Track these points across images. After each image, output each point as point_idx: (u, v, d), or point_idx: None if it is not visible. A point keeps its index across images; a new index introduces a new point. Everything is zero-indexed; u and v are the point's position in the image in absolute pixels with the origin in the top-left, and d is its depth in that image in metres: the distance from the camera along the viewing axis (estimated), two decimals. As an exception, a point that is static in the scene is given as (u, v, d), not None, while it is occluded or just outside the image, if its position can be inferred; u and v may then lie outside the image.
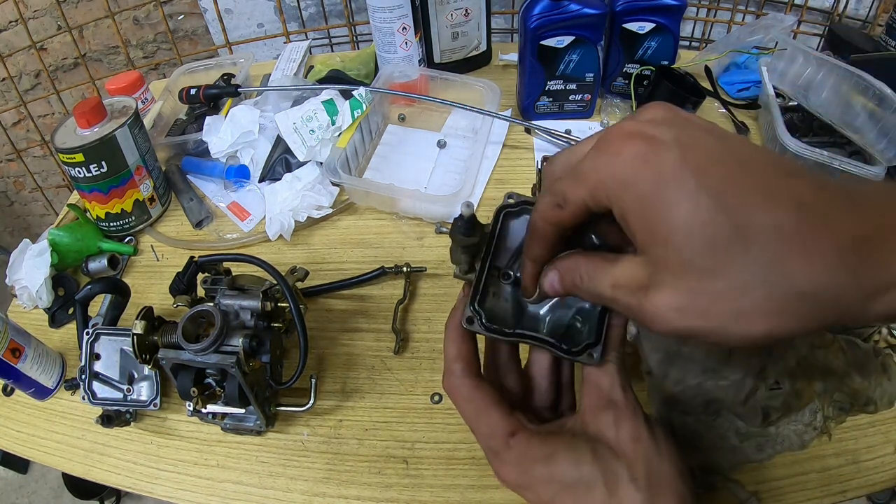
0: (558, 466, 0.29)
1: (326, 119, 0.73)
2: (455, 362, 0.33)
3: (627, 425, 0.30)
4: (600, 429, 0.30)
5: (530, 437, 0.31)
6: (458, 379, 0.33)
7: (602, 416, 0.30)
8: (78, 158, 0.66)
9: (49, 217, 1.71)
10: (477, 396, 0.32)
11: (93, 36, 1.34)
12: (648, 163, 0.23)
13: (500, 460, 0.31)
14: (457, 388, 0.33)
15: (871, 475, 0.47)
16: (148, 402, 0.56)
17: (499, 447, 0.31)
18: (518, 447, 0.31)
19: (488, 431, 0.31)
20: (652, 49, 0.79)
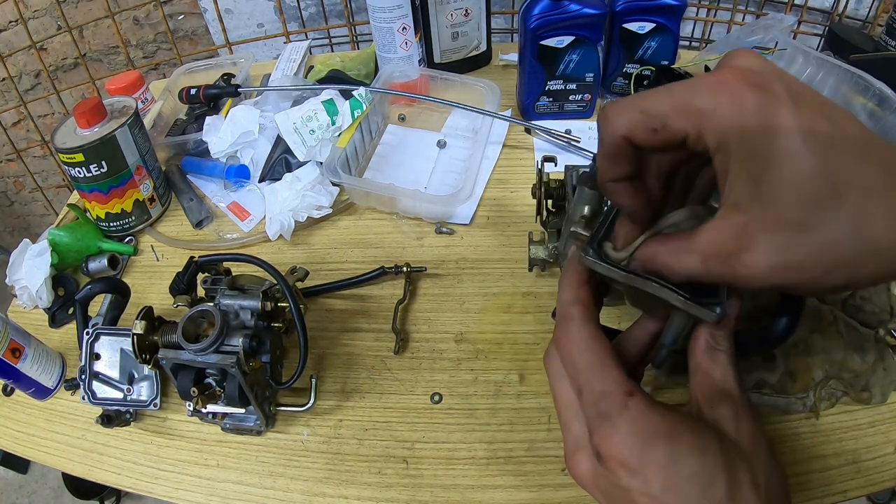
0: (681, 448, 0.26)
1: (326, 119, 0.73)
2: (572, 306, 0.30)
3: (747, 422, 0.27)
4: (718, 421, 0.27)
5: (651, 404, 0.27)
6: (575, 324, 0.30)
7: (719, 407, 0.28)
8: (78, 158, 0.66)
9: (49, 217, 1.71)
10: (594, 346, 0.29)
11: (93, 36, 1.34)
12: (767, 115, 0.23)
13: (612, 426, 0.27)
14: (573, 335, 0.30)
15: (871, 475, 0.47)
16: (148, 402, 0.56)
17: (612, 409, 0.27)
18: (636, 412, 0.27)
19: (602, 388, 0.28)
20: (652, 49, 0.79)
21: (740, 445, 0.27)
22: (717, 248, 0.25)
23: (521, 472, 0.50)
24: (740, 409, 0.28)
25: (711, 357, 0.29)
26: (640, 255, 0.29)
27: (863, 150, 0.23)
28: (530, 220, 0.67)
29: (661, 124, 0.25)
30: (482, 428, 0.53)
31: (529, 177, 0.69)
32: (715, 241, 0.25)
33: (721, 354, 0.29)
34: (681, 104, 0.25)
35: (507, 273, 0.65)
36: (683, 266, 0.27)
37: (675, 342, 0.31)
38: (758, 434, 0.27)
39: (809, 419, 0.50)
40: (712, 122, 0.24)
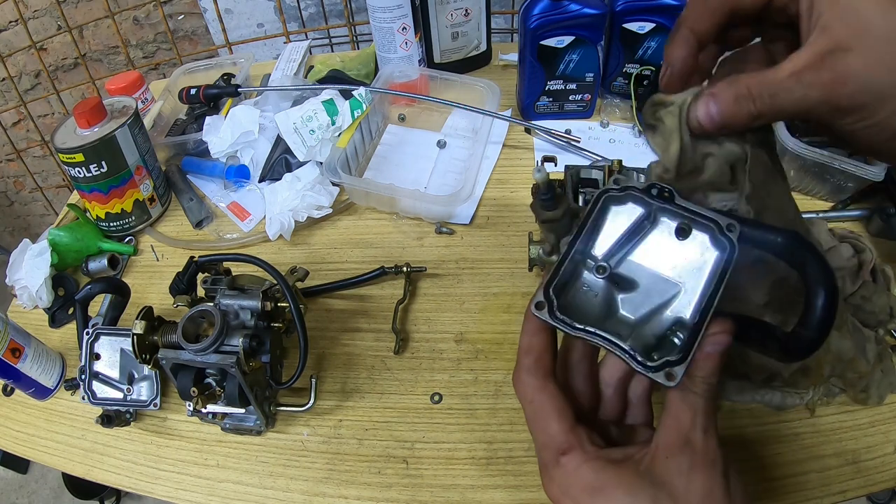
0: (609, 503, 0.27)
1: (326, 119, 0.73)
2: (525, 356, 0.31)
3: (701, 477, 0.26)
4: (670, 473, 0.27)
5: (584, 461, 0.28)
6: (524, 375, 0.31)
7: (675, 458, 0.27)
8: (78, 158, 0.66)
9: (49, 217, 1.71)
10: (540, 399, 0.30)
11: (93, 36, 1.34)
12: None
13: (548, 475, 0.29)
14: (521, 385, 0.31)
15: (871, 475, 0.47)
16: (148, 402, 0.56)
17: (549, 461, 0.29)
18: (568, 468, 0.28)
19: (542, 441, 0.29)
20: (652, 49, 0.79)
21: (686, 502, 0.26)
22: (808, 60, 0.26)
23: (521, 472, 0.50)
24: (699, 462, 0.27)
25: (683, 398, 0.28)
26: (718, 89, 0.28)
27: None
28: (530, 220, 0.67)
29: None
30: (482, 428, 0.53)
31: (529, 177, 0.69)
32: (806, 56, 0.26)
33: (694, 398, 0.27)
34: None
35: (507, 273, 0.65)
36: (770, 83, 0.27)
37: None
38: (713, 488, 0.26)
39: (810, 419, 0.50)
40: None
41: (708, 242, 0.30)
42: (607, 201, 0.32)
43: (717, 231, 0.29)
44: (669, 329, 0.29)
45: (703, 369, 0.27)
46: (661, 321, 0.30)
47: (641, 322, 0.30)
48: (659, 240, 0.31)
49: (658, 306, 0.30)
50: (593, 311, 0.31)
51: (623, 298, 0.31)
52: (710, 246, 0.30)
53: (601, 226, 0.32)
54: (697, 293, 0.29)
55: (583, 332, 0.29)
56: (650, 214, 0.31)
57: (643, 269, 0.31)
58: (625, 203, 0.31)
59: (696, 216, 0.30)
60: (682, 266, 0.30)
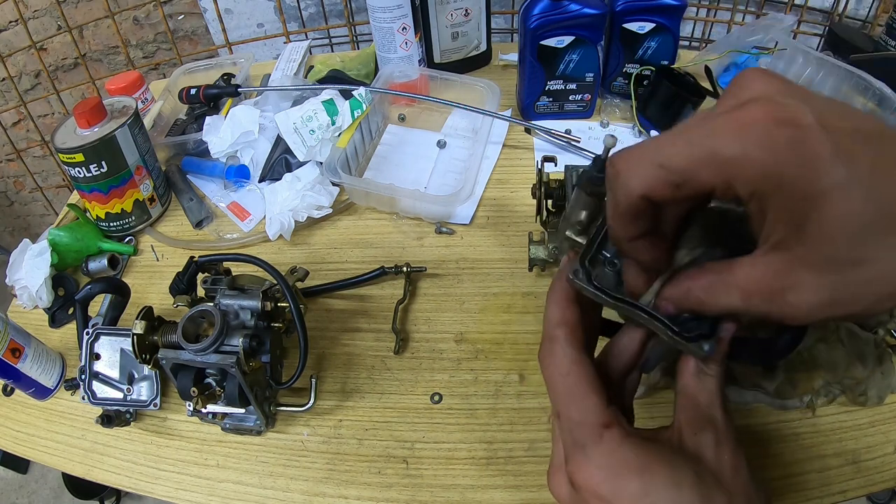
0: (656, 482, 0.25)
1: (326, 119, 0.73)
2: (558, 327, 0.29)
3: (729, 451, 0.27)
4: (700, 448, 0.27)
5: (626, 436, 0.27)
6: (559, 346, 0.29)
7: (702, 434, 0.27)
8: (78, 158, 0.66)
9: (49, 217, 1.71)
10: (576, 372, 0.28)
11: (93, 36, 1.34)
12: (802, 155, 0.21)
13: (585, 456, 0.26)
14: (555, 358, 0.29)
15: (871, 475, 0.47)
16: (148, 402, 0.56)
17: (588, 439, 0.27)
18: (611, 444, 0.26)
19: (580, 417, 0.27)
20: (652, 49, 0.79)
21: (720, 476, 0.26)
22: (760, 285, 0.24)
23: (521, 472, 0.50)
24: (723, 437, 0.27)
25: (699, 381, 0.28)
26: (669, 294, 0.27)
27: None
28: (530, 220, 0.67)
29: (683, 179, 0.23)
30: (482, 428, 0.53)
31: (529, 177, 0.69)
32: (757, 279, 0.24)
33: (709, 379, 0.28)
34: (704, 155, 0.23)
35: (507, 273, 0.65)
36: (722, 302, 0.25)
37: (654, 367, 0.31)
38: (739, 464, 0.27)
39: (810, 419, 0.50)
40: (744, 170, 0.22)
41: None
42: None
43: None
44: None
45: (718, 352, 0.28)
46: None
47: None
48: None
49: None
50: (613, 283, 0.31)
51: None
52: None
53: None
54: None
55: (622, 302, 0.28)
56: None
57: None
58: None
59: None
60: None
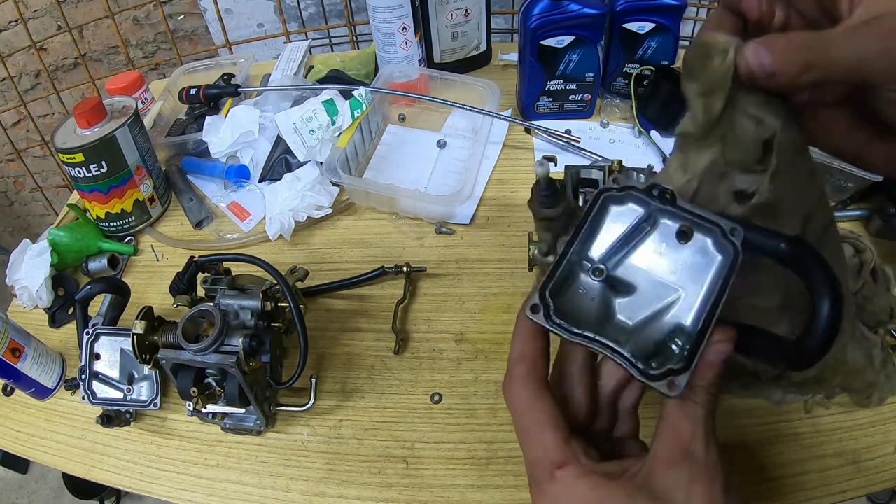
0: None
1: (326, 119, 0.73)
2: (517, 364, 0.29)
3: (701, 490, 0.25)
4: (669, 487, 0.26)
5: (580, 475, 0.27)
6: (516, 384, 0.29)
7: (675, 470, 0.26)
8: (78, 158, 0.66)
9: (49, 217, 1.71)
10: (533, 409, 0.28)
11: (93, 36, 1.34)
12: None
13: (541, 492, 0.27)
14: (513, 395, 0.29)
15: (871, 475, 0.47)
16: (148, 402, 0.56)
17: (542, 477, 0.27)
18: (564, 482, 0.27)
19: (535, 456, 0.28)
20: (652, 49, 0.79)
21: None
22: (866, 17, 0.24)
23: (521, 473, 0.50)
24: (699, 474, 0.26)
25: (683, 409, 0.26)
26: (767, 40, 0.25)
27: None
28: (530, 220, 0.67)
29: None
30: (482, 428, 0.53)
31: (529, 177, 0.69)
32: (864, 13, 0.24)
33: (694, 408, 0.26)
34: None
35: (507, 273, 0.65)
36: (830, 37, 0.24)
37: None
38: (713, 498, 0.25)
39: (810, 419, 0.51)
40: None
41: (710, 246, 0.29)
42: (606, 201, 0.30)
43: (719, 235, 0.28)
44: (668, 336, 0.28)
45: (705, 378, 0.26)
46: (660, 327, 0.29)
47: (639, 328, 0.29)
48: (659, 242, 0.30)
49: (657, 311, 0.29)
50: (589, 315, 0.29)
51: (620, 303, 0.30)
52: (711, 250, 0.29)
53: (599, 226, 0.31)
54: (699, 299, 0.28)
55: (581, 338, 0.28)
56: (650, 216, 0.30)
57: (642, 272, 0.30)
58: (624, 203, 0.30)
59: (698, 219, 0.29)
60: (682, 270, 0.29)
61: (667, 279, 0.29)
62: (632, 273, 0.30)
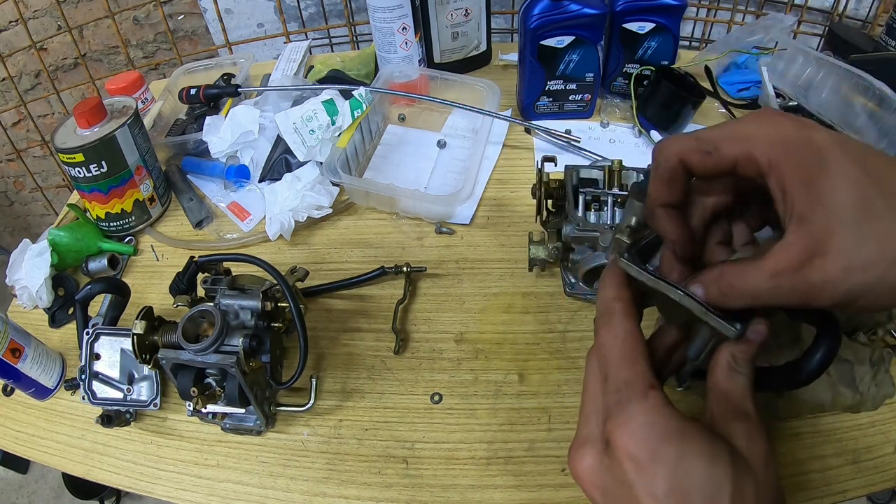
0: (693, 450, 0.26)
1: (326, 119, 0.73)
2: (616, 301, 0.32)
3: (761, 442, 0.27)
4: (732, 436, 0.28)
5: (668, 403, 0.28)
6: (617, 317, 0.31)
7: (734, 424, 0.28)
8: (78, 158, 0.66)
9: (49, 217, 1.71)
10: (630, 340, 0.30)
11: (93, 36, 1.34)
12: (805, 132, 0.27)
13: (628, 414, 0.27)
14: (613, 326, 0.31)
15: (871, 475, 0.47)
16: (148, 402, 0.56)
17: (633, 395, 0.28)
18: (655, 404, 0.27)
19: (628, 376, 0.29)
20: (652, 49, 0.79)
21: (752, 462, 0.27)
22: (787, 262, 0.26)
23: (521, 472, 0.50)
24: (755, 430, 0.28)
25: (730, 378, 0.29)
26: (703, 278, 0.30)
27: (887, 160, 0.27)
28: (530, 220, 0.67)
29: (713, 147, 0.29)
30: (482, 428, 0.53)
31: (529, 177, 0.69)
32: (784, 258, 0.27)
33: (740, 377, 0.29)
34: (729, 132, 0.29)
35: (507, 273, 0.65)
36: (750, 285, 0.28)
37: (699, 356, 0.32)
38: (769, 458, 0.27)
39: (810, 419, 0.50)
40: (759, 142, 0.27)
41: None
42: None
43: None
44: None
45: (746, 352, 0.29)
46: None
47: None
48: None
49: None
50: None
51: None
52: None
53: None
54: None
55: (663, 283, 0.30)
56: None
57: None
58: None
59: None
60: None
61: None
62: None
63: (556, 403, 0.54)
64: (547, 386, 0.55)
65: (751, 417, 0.28)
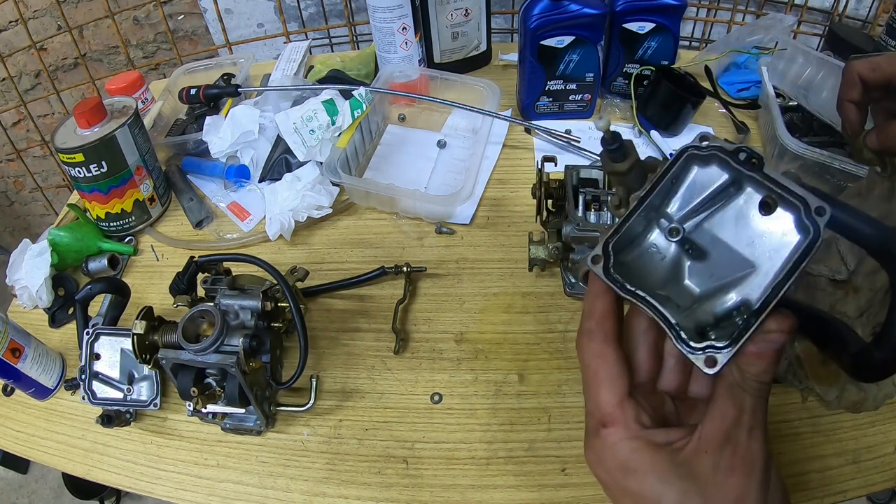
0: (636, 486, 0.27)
1: (326, 119, 0.73)
2: (586, 318, 0.30)
3: (736, 479, 0.25)
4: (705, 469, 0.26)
5: (623, 437, 0.28)
6: (583, 337, 0.30)
7: (714, 454, 0.26)
8: (78, 158, 0.66)
9: (49, 217, 1.71)
10: (595, 365, 0.29)
11: (93, 36, 1.34)
12: None
13: (588, 443, 0.29)
14: (579, 348, 0.30)
15: (871, 475, 0.47)
16: (148, 402, 0.56)
17: (590, 430, 0.29)
18: (606, 441, 0.28)
19: (589, 408, 0.29)
20: (652, 49, 0.79)
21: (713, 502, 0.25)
22: None
23: (521, 472, 0.50)
24: (738, 463, 0.26)
25: (731, 394, 0.26)
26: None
27: None
28: (530, 220, 0.67)
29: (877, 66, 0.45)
30: (482, 428, 0.53)
31: (529, 177, 0.69)
32: None
33: (744, 396, 0.26)
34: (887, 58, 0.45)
35: (507, 273, 0.65)
36: None
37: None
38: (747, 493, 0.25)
39: (810, 419, 0.51)
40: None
41: (792, 223, 0.27)
42: (689, 159, 0.29)
43: (803, 212, 0.26)
44: (735, 310, 0.27)
45: (756, 367, 0.25)
46: (727, 300, 0.27)
47: (706, 296, 0.28)
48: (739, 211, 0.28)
49: (727, 283, 0.28)
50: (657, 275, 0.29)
51: (691, 267, 0.29)
52: (793, 227, 0.27)
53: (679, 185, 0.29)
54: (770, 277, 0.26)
55: (632, 295, 0.27)
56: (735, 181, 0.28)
57: (718, 240, 0.29)
58: (709, 164, 0.29)
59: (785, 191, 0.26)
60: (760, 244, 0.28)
61: (743, 251, 0.28)
62: (707, 239, 0.29)
63: (556, 403, 0.54)
64: (547, 386, 0.55)
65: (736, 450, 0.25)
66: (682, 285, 0.29)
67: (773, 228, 0.27)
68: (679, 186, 0.29)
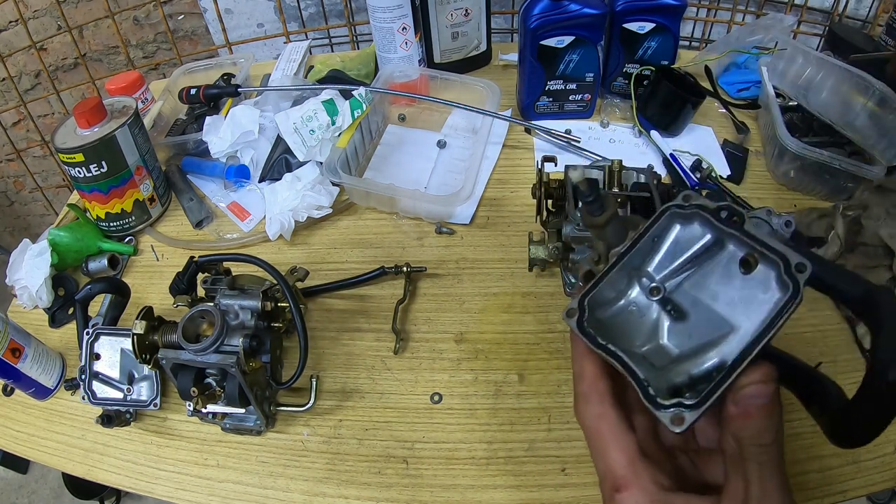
0: None
1: (326, 119, 0.73)
2: (578, 382, 0.29)
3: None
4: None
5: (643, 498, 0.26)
6: (580, 402, 0.29)
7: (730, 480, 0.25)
8: (78, 158, 0.66)
9: (49, 217, 1.71)
10: (598, 427, 0.28)
11: (93, 36, 1.34)
12: None
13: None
14: (578, 413, 0.29)
15: (871, 475, 0.47)
16: (148, 402, 0.56)
17: (605, 496, 0.28)
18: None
19: (601, 472, 0.28)
20: (652, 49, 0.79)
21: None
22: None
23: (521, 472, 0.50)
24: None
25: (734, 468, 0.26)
26: None
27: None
28: (530, 220, 0.67)
29: None
30: (482, 428, 0.53)
31: (529, 177, 0.69)
32: None
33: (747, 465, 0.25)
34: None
35: (507, 273, 0.65)
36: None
37: None
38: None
39: (809, 419, 0.50)
40: None
41: (772, 280, 0.26)
42: (672, 217, 0.29)
43: (783, 268, 0.26)
44: (715, 371, 0.27)
45: (748, 429, 0.25)
46: (706, 360, 0.27)
47: (684, 357, 0.28)
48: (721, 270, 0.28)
49: (706, 343, 0.28)
50: (635, 333, 0.29)
51: (670, 327, 0.29)
52: (773, 285, 0.26)
53: (662, 243, 0.29)
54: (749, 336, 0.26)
55: (602, 349, 0.27)
56: (718, 241, 0.28)
57: (698, 300, 0.28)
58: (691, 222, 0.29)
59: (765, 248, 0.26)
60: (740, 303, 0.27)
61: (723, 311, 0.28)
62: (688, 299, 0.29)
63: (556, 403, 0.54)
64: (547, 386, 0.55)
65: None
66: (659, 344, 0.29)
67: (753, 287, 0.27)
68: (661, 244, 0.29)
